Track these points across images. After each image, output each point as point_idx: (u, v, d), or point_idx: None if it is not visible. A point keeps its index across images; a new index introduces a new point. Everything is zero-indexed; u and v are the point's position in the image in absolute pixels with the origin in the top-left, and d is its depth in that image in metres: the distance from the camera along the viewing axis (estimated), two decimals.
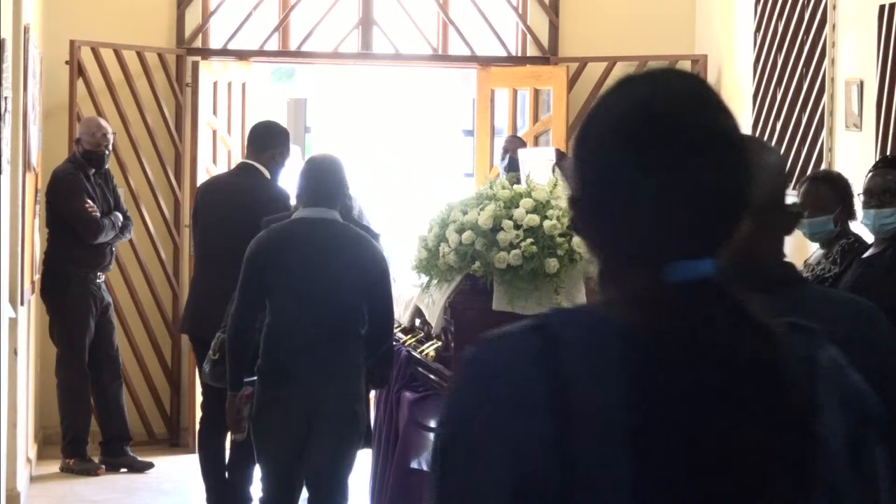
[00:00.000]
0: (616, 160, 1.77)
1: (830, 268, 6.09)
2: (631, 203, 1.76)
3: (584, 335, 1.76)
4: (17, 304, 7.66)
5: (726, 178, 1.76)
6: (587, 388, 1.72)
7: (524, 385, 1.73)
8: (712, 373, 1.72)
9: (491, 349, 1.78)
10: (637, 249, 1.78)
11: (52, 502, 8.31)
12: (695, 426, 1.71)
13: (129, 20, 9.81)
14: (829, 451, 1.78)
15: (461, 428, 1.76)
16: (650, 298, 1.76)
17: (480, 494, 1.72)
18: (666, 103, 1.77)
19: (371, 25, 10.21)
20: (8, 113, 7.37)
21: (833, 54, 7.82)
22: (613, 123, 1.78)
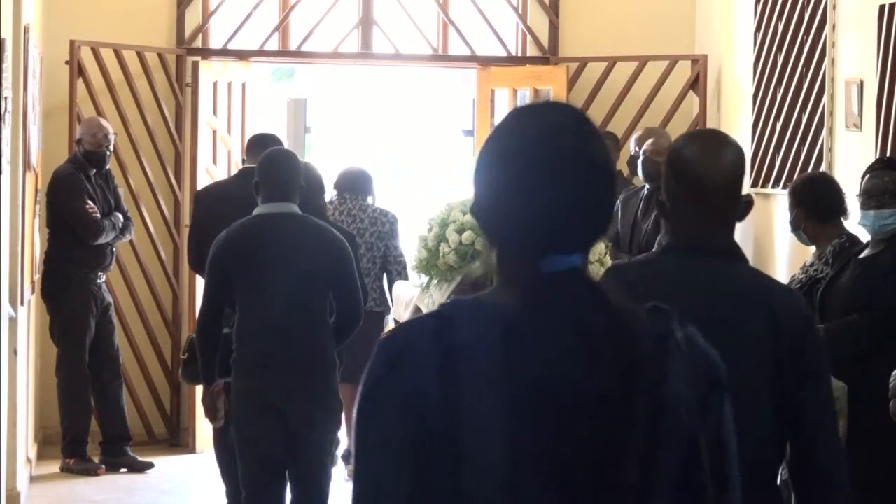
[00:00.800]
0: (501, 177, 2.20)
1: (823, 268, 6.10)
2: (512, 212, 2.18)
3: (473, 316, 2.19)
4: (17, 304, 7.65)
5: (589, 193, 2.18)
6: (473, 358, 2.14)
7: (422, 357, 2.17)
8: (574, 343, 2.15)
9: (398, 331, 2.24)
10: (519, 248, 2.20)
11: (52, 502, 8.31)
12: (559, 387, 2.14)
13: (129, 20, 9.81)
14: (677, 411, 2.17)
15: (372, 392, 2.20)
16: (529, 285, 2.18)
17: (386, 443, 2.17)
18: (542, 133, 2.22)
19: (371, 25, 10.21)
20: (8, 113, 7.37)
21: (833, 54, 7.82)
22: (500, 148, 2.22)
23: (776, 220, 8.43)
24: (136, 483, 8.79)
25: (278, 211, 5.92)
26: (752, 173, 8.85)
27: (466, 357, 2.16)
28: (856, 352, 5.77)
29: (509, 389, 2.13)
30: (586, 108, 9.90)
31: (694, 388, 2.22)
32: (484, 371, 2.15)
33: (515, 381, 2.14)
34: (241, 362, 5.92)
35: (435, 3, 10.18)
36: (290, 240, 5.88)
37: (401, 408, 2.18)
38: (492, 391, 2.14)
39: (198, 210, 7.61)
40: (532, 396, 2.14)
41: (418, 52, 10.30)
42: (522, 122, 2.27)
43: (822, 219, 6.29)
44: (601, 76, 9.85)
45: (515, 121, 2.27)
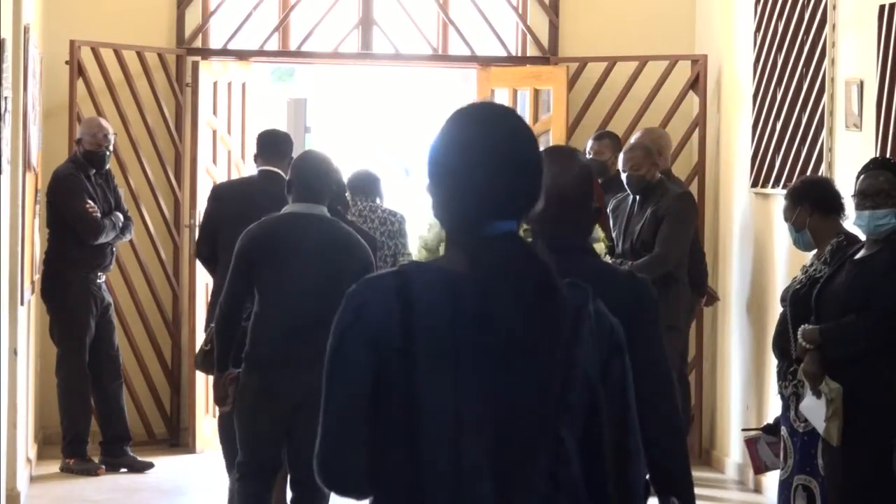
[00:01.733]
0: (448, 164, 2.78)
1: (822, 268, 6.10)
2: (457, 190, 2.76)
3: (426, 275, 2.72)
4: (18, 304, 7.66)
5: (516, 173, 2.76)
6: (426, 310, 2.67)
7: (383, 308, 2.67)
8: (510, 293, 2.68)
9: (363, 285, 2.74)
10: (464, 218, 2.76)
11: (52, 502, 8.31)
12: (497, 332, 2.66)
13: (129, 20, 9.81)
14: (586, 367, 2.74)
15: (341, 336, 2.70)
16: (473, 246, 2.72)
17: (351, 376, 2.69)
18: (478, 128, 2.77)
19: (371, 25, 10.21)
20: (8, 113, 7.37)
21: (833, 54, 7.81)
22: (446, 142, 2.79)
23: (776, 220, 8.43)
24: (136, 483, 8.79)
25: (308, 212, 6.04)
26: (752, 173, 8.85)
27: (420, 309, 2.66)
28: (853, 353, 5.76)
29: (456, 334, 2.66)
30: (586, 108, 9.91)
31: (600, 351, 2.78)
32: (435, 320, 2.67)
33: (461, 327, 2.67)
34: (252, 357, 6.00)
35: (435, 3, 10.18)
36: (315, 241, 5.97)
37: (365, 347, 2.67)
38: (441, 336, 2.66)
39: (215, 206, 7.70)
40: (474, 341, 2.66)
41: (418, 52, 10.30)
42: (463, 120, 2.81)
43: (827, 213, 6.29)
44: (601, 76, 9.85)
45: (458, 119, 2.81)
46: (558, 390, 2.71)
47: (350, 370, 2.70)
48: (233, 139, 9.95)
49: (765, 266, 8.64)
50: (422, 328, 2.67)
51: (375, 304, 2.69)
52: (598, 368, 2.77)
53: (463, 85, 14.17)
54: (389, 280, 2.72)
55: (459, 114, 2.82)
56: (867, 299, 5.73)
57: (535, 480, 2.69)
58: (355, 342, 2.70)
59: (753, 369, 8.76)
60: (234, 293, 6.06)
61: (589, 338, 2.76)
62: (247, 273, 6.01)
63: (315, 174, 6.11)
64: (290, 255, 5.95)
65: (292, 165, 6.30)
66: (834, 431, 5.74)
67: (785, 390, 6.18)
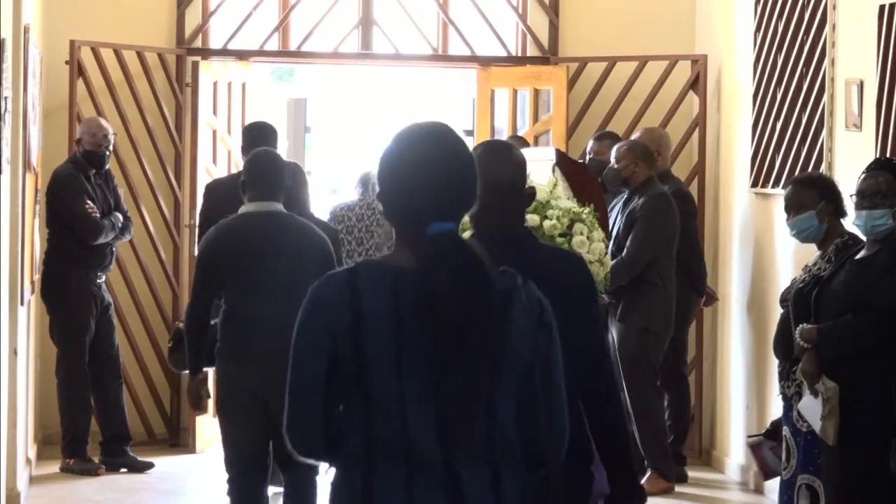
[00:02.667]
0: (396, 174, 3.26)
1: (825, 267, 6.09)
2: (405, 196, 3.23)
3: (375, 271, 3.22)
4: (18, 304, 7.66)
5: (454, 181, 3.25)
6: (372, 300, 3.16)
7: (338, 298, 3.18)
8: (449, 282, 3.14)
9: (323, 280, 3.24)
10: (411, 219, 3.22)
11: (52, 502, 8.31)
12: (437, 318, 3.12)
13: (129, 20, 9.81)
14: (518, 340, 3.20)
15: (302, 323, 3.21)
16: (418, 245, 3.19)
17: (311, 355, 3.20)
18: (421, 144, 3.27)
19: (371, 25, 10.21)
20: (8, 113, 7.37)
21: (833, 54, 7.81)
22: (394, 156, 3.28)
23: (776, 220, 8.42)
24: (136, 483, 8.78)
25: (263, 210, 6.21)
26: (752, 173, 8.85)
27: (368, 297, 3.18)
28: (850, 352, 5.76)
29: (398, 318, 3.15)
30: (586, 108, 9.91)
31: (530, 329, 3.24)
32: (381, 306, 3.17)
33: (404, 314, 3.15)
34: (224, 352, 6.18)
35: (435, 3, 10.18)
36: (274, 237, 6.16)
37: (322, 331, 3.19)
38: (386, 320, 3.16)
39: (210, 202, 7.80)
40: (416, 325, 3.14)
41: (418, 52, 10.30)
42: (410, 138, 3.30)
43: (838, 213, 6.28)
44: (601, 76, 9.85)
45: (405, 137, 3.30)
46: (492, 365, 3.17)
47: (309, 352, 3.21)
48: (233, 139, 9.95)
49: (765, 266, 8.63)
50: (369, 315, 3.17)
51: (331, 295, 3.21)
52: (529, 345, 3.23)
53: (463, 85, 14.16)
54: (343, 275, 3.24)
55: (406, 133, 3.31)
56: (866, 299, 5.73)
57: (474, 446, 3.15)
58: (314, 328, 3.21)
59: (754, 369, 8.75)
60: (199, 297, 6.23)
61: (520, 317, 3.22)
62: (210, 277, 6.18)
63: (267, 173, 6.28)
64: (250, 254, 6.12)
65: (244, 166, 6.51)
66: (830, 431, 5.74)
67: (787, 390, 6.17)
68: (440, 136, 3.30)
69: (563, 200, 6.49)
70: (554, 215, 6.31)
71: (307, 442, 3.24)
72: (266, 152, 6.55)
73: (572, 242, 6.29)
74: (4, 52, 7.16)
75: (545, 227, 6.26)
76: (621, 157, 8.23)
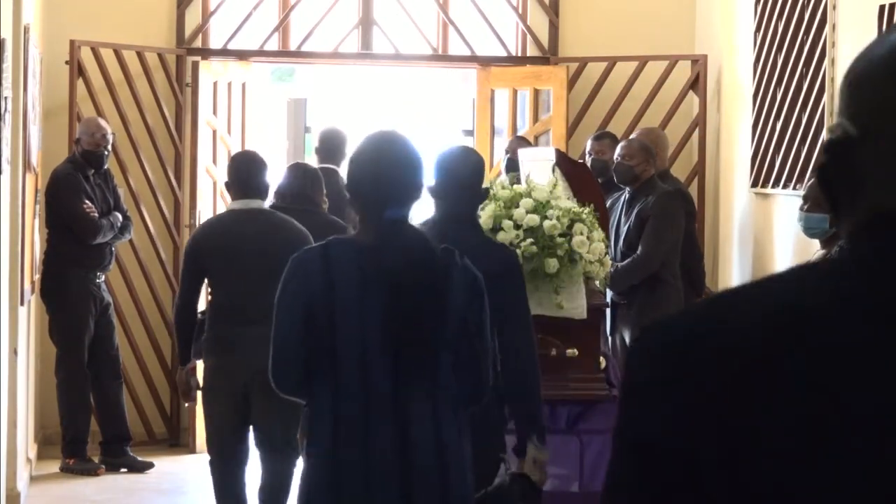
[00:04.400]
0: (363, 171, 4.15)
1: None
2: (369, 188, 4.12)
3: (343, 245, 4.13)
4: (18, 304, 7.66)
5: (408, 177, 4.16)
6: (340, 269, 4.02)
7: (312, 266, 4.04)
8: (400, 261, 4.00)
9: (301, 253, 4.12)
10: (373, 206, 4.09)
11: (52, 502, 8.31)
12: (392, 288, 3.98)
13: (129, 20, 9.81)
14: (455, 306, 4.07)
15: (284, 286, 4.06)
16: (374, 227, 4.08)
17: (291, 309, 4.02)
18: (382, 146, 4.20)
19: (371, 25, 10.21)
20: (8, 113, 7.37)
21: (833, 54, 7.81)
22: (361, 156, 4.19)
23: (776, 220, 8.42)
24: (136, 483, 8.79)
25: (247, 207, 6.59)
26: (752, 173, 8.85)
27: (337, 266, 4.02)
28: None
29: (361, 284, 4.00)
30: (586, 108, 9.91)
31: (466, 295, 4.09)
32: (347, 274, 4.01)
33: (367, 279, 4.01)
34: (208, 341, 6.52)
35: (435, 3, 10.18)
36: (254, 232, 6.49)
37: (299, 292, 4.02)
38: (351, 285, 4.01)
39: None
40: (375, 287, 3.99)
41: (418, 52, 10.30)
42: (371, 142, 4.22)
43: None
44: (601, 76, 9.85)
45: (368, 143, 4.22)
46: (436, 324, 4.03)
47: (289, 309, 4.03)
48: (233, 139, 9.95)
49: (765, 266, 8.63)
50: (338, 280, 4.01)
51: (308, 263, 4.06)
52: (464, 307, 4.08)
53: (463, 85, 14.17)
54: (318, 249, 4.12)
55: (369, 139, 4.24)
56: None
57: (420, 386, 4.03)
58: (293, 290, 4.04)
59: None
60: (186, 290, 6.60)
61: (457, 285, 4.07)
62: (196, 271, 6.57)
63: (250, 173, 6.66)
64: (234, 248, 6.46)
65: (228, 166, 6.91)
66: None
67: None
68: (396, 142, 4.22)
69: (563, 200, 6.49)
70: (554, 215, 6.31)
71: (287, 382, 4.09)
72: (245, 154, 7.07)
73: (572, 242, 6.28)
74: (4, 52, 7.16)
75: (545, 226, 6.26)
76: (634, 154, 8.15)
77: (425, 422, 4.03)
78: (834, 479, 1.34)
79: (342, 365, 3.99)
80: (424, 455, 4.02)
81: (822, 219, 6.26)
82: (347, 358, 3.99)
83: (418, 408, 4.02)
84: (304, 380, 4.05)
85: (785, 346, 1.39)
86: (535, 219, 6.29)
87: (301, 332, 4.00)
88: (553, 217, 6.32)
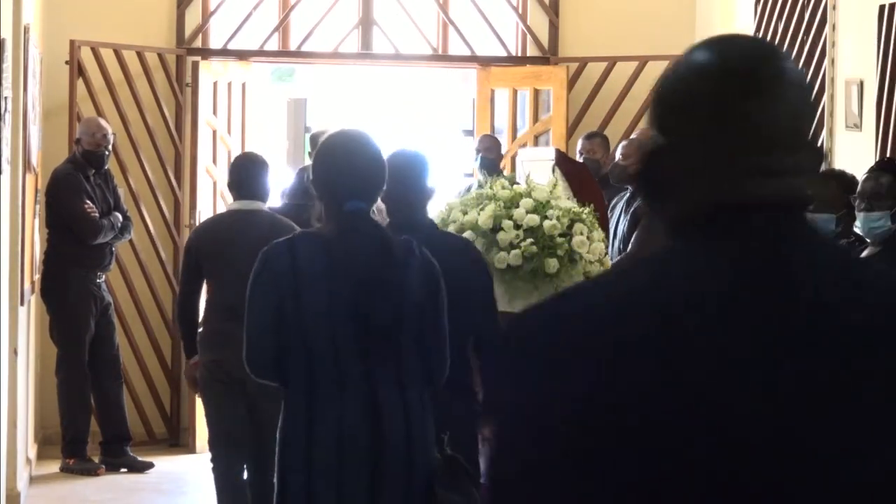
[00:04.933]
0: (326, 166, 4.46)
1: None
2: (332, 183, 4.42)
3: (308, 238, 4.45)
4: (18, 304, 7.66)
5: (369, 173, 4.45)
6: (306, 261, 4.32)
7: (281, 258, 4.34)
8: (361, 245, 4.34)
9: (269, 247, 4.39)
10: (335, 199, 4.41)
11: (52, 502, 8.31)
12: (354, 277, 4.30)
13: (129, 20, 9.81)
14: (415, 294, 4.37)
15: (255, 277, 4.37)
16: (336, 219, 4.40)
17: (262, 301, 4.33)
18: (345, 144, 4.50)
19: (371, 25, 10.21)
20: (8, 113, 7.37)
21: (833, 54, 7.82)
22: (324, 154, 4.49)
23: None
24: (136, 483, 8.79)
25: (246, 207, 6.74)
26: None
27: (303, 258, 4.33)
28: None
29: (327, 274, 4.31)
30: (586, 108, 9.91)
31: (424, 284, 4.39)
32: (312, 265, 4.32)
33: (331, 269, 4.32)
34: (205, 338, 6.67)
35: (435, 3, 10.18)
36: (252, 232, 6.58)
37: (270, 284, 4.34)
38: (317, 275, 4.31)
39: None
40: (339, 276, 4.30)
41: (418, 52, 10.30)
42: (334, 140, 4.51)
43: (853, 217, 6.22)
44: (601, 76, 9.85)
45: (330, 140, 4.52)
46: (397, 309, 4.34)
47: (260, 299, 4.37)
48: (233, 139, 9.95)
49: None
50: (304, 271, 4.32)
51: (276, 255, 4.37)
52: (422, 293, 4.38)
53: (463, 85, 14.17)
54: (285, 242, 4.43)
55: (333, 137, 4.55)
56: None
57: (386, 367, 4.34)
58: (263, 281, 4.36)
59: None
60: (187, 286, 6.75)
61: (415, 273, 4.37)
62: (195, 267, 6.71)
63: (251, 174, 6.80)
64: (231, 247, 6.58)
65: (230, 167, 7.11)
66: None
67: None
68: (356, 139, 4.54)
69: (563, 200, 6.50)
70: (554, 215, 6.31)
71: (260, 368, 4.42)
72: (247, 155, 7.23)
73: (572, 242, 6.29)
74: (4, 52, 7.16)
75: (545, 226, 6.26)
76: (629, 154, 8.18)
77: (392, 401, 4.33)
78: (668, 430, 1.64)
79: (312, 350, 4.32)
80: (393, 432, 4.32)
81: (829, 219, 6.25)
82: (317, 343, 4.31)
83: (385, 388, 4.33)
84: (277, 364, 4.37)
85: (631, 325, 1.67)
86: (535, 219, 6.29)
87: (272, 320, 4.32)
88: (553, 217, 6.32)
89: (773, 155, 1.74)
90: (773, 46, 1.87)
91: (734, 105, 1.74)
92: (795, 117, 1.76)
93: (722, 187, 1.73)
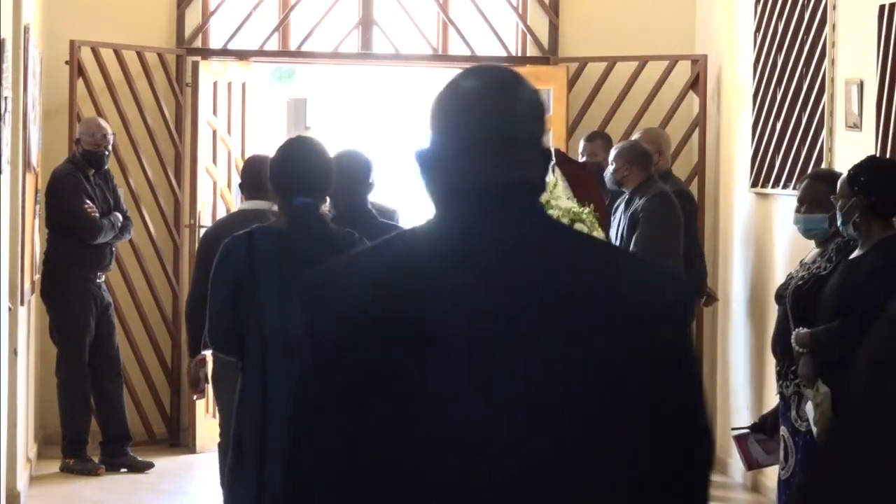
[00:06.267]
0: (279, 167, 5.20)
1: (826, 266, 6.09)
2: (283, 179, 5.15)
3: (264, 231, 5.16)
4: (18, 304, 7.66)
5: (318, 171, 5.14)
6: (260, 250, 5.07)
7: (238, 248, 5.11)
8: (307, 236, 5.03)
9: (230, 238, 5.16)
10: (285, 194, 5.12)
11: (52, 502, 8.31)
12: (301, 259, 4.77)
13: (129, 20, 9.81)
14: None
15: (216, 264, 5.16)
16: (288, 212, 5.12)
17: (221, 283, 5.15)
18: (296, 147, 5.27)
19: (371, 25, 10.22)
20: (8, 113, 7.38)
21: (833, 54, 7.82)
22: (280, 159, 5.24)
23: (776, 220, 8.43)
24: (136, 483, 8.79)
25: (256, 208, 6.78)
26: (752, 173, 8.85)
27: (258, 249, 5.03)
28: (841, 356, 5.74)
29: (278, 261, 4.96)
30: (586, 109, 9.91)
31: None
32: (266, 254, 5.01)
33: (282, 257, 4.95)
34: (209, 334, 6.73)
35: (435, 3, 10.18)
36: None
37: (228, 270, 5.06)
38: (270, 263, 4.98)
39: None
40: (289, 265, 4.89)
41: (418, 52, 10.30)
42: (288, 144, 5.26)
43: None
44: (601, 76, 9.85)
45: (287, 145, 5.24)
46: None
47: (220, 286, 5.10)
48: (233, 139, 9.96)
49: (765, 266, 8.63)
50: (259, 259, 5.01)
51: (235, 245, 5.09)
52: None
53: None
54: (243, 234, 5.10)
55: (285, 142, 5.25)
56: (852, 302, 5.72)
57: None
58: (224, 267, 5.10)
59: (753, 369, 8.75)
60: (199, 284, 6.73)
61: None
62: (207, 266, 6.72)
63: (261, 175, 6.78)
64: None
65: (243, 168, 7.29)
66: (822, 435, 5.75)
67: (786, 389, 6.16)
68: (304, 143, 5.25)
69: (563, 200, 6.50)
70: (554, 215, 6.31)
71: (221, 342, 5.12)
72: (259, 157, 7.23)
73: None
74: (4, 52, 7.17)
75: None
76: (613, 160, 8.20)
77: None
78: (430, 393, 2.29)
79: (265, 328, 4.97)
80: None
81: (822, 219, 6.25)
82: (271, 321, 4.95)
83: None
84: (235, 339, 5.07)
85: (395, 291, 2.33)
86: None
87: (230, 303, 5.06)
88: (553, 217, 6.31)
89: (505, 153, 2.36)
90: (513, 74, 2.46)
91: (474, 115, 2.40)
92: (523, 126, 2.38)
93: (464, 174, 2.38)
